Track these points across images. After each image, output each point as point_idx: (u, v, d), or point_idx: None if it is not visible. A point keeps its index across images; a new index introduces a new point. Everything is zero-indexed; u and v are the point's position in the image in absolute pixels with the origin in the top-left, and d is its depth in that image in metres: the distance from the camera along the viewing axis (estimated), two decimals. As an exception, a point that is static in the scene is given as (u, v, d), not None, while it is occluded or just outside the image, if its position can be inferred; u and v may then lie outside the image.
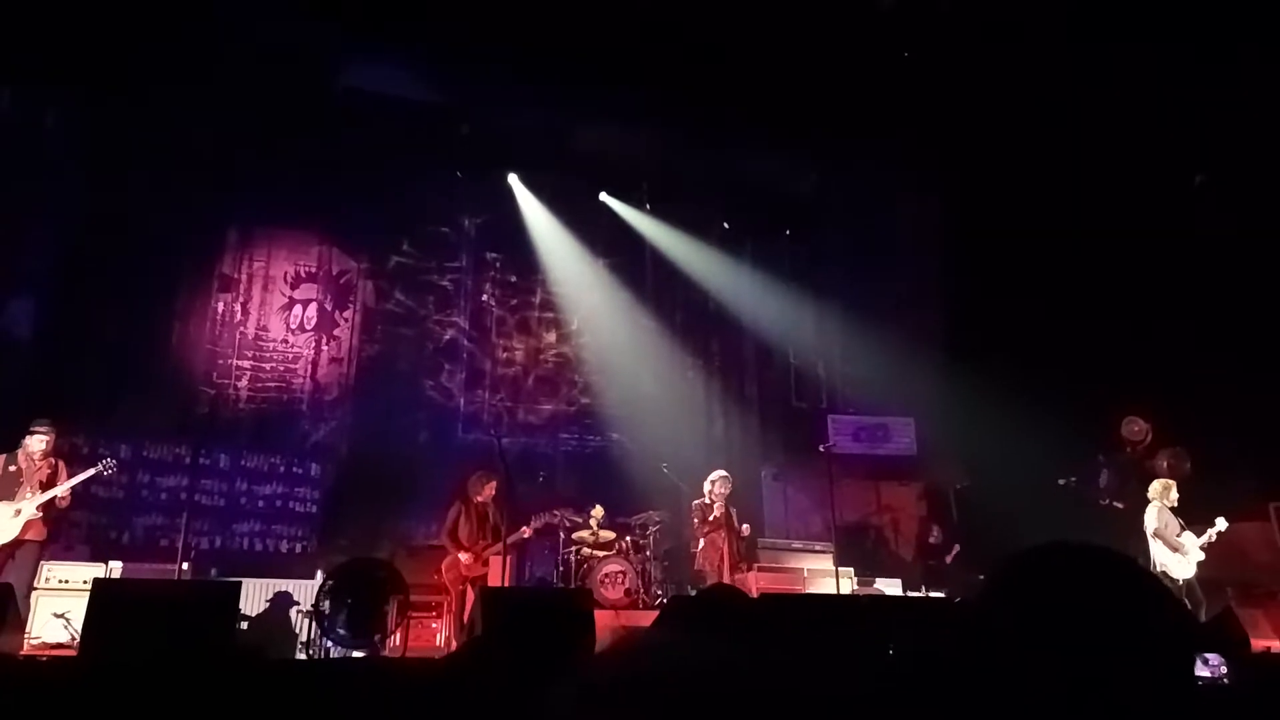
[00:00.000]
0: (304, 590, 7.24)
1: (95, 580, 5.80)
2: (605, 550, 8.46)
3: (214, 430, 9.15)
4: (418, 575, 7.69)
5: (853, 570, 8.49)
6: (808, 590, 8.08)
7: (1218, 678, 3.14)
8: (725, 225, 11.99)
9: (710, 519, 8.35)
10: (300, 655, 6.59)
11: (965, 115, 9.53)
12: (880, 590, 8.56)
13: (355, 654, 6.10)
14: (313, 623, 6.38)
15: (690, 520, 8.72)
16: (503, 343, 11.30)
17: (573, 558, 8.42)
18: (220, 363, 9.84)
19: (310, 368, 10.23)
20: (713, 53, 8.84)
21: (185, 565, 6.92)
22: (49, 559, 6.93)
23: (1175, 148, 9.17)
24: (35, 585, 6.69)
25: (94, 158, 9.24)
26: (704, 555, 8.36)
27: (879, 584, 8.71)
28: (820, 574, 8.30)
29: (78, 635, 5.41)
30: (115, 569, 7.17)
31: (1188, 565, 7.76)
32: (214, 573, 7.83)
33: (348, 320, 10.53)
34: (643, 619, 7.11)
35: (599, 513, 8.72)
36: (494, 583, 7.48)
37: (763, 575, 8.26)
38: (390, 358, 10.57)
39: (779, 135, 10.25)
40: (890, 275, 11.73)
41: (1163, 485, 8.14)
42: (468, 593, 7.52)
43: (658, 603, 8.09)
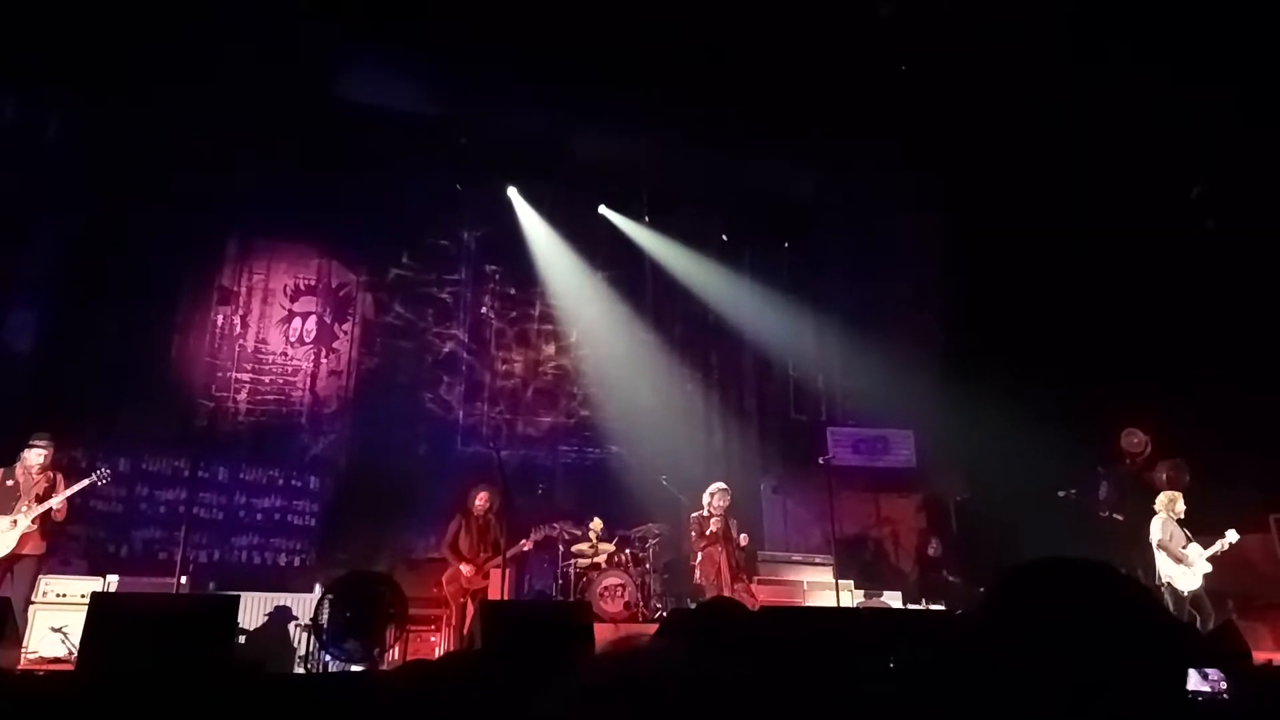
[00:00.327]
0: (303, 604, 7.19)
1: (93, 594, 5.75)
2: (604, 563, 8.43)
3: (213, 443, 9.16)
4: (417, 588, 7.68)
5: (852, 583, 8.46)
6: (807, 603, 8.06)
7: (1217, 692, 3.13)
8: (724, 237, 12.03)
9: (707, 533, 8.18)
10: (299, 669, 6.56)
11: (965, 117, 9.54)
12: (886, 603, 8.51)
13: (354, 668, 6.07)
14: (311, 636, 6.36)
15: (689, 534, 8.68)
16: (502, 355, 11.31)
17: (572, 571, 8.38)
18: (219, 375, 9.83)
19: (309, 380, 10.22)
20: (712, 54, 8.88)
21: (183, 579, 6.92)
22: (47, 573, 6.88)
23: (1175, 150, 9.16)
24: (33, 599, 6.65)
25: (94, 167, 9.26)
26: (701, 569, 8.24)
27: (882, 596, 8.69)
28: (820, 586, 8.29)
29: (75, 650, 5.39)
30: (113, 583, 7.12)
31: (1193, 577, 7.73)
32: (212, 586, 7.79)
33: (347, 333, 10.54)
34: (642, 632, 7.08)
35: (598, 525, 8.69)
36: (493, 596, 7.47)
37: (762, 588, 8.24)
38: (389, 370, 10.57)
39: (779, 136, 10.28)
40: (890, 279, 11.70)
41: (1169, 497, 8.12)
42: (468, 606, 7.50)
43: (657, 616, 8.06)
